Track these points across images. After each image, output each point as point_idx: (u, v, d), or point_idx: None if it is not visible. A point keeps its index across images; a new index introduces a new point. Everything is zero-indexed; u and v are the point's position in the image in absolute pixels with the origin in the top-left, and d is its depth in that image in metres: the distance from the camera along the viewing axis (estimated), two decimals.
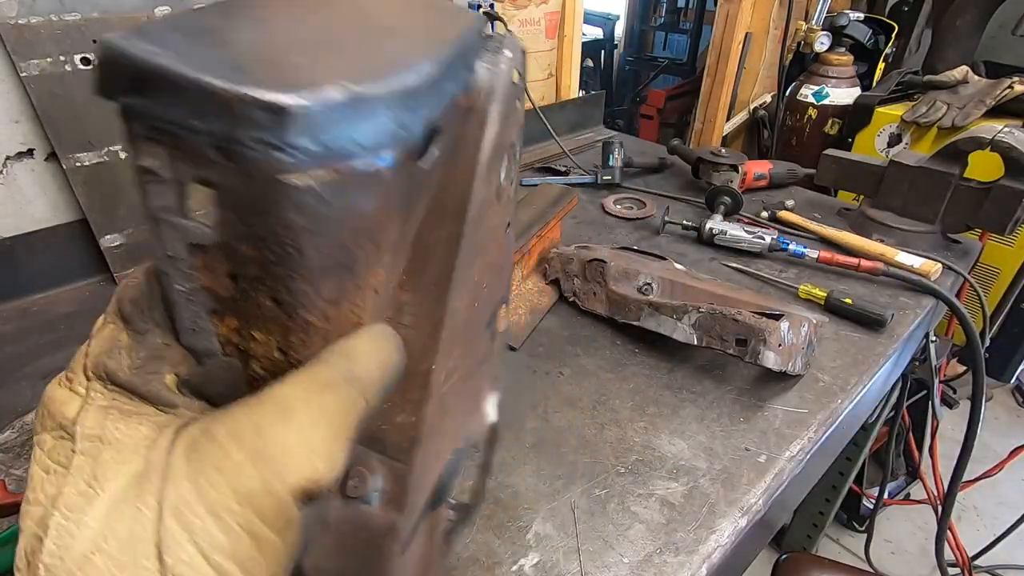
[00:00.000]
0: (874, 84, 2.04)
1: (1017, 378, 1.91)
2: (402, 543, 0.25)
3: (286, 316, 0.20)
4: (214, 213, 0.18)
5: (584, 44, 1.73)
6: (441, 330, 0.25)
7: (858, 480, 1.51)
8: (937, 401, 1.11)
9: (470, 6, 1.19)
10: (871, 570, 1.43)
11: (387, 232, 0.22)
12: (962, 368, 1.80)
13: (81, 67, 0.79)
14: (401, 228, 0.23)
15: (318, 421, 0.19)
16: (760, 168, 1.22)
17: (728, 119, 2.34)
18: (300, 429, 0.18)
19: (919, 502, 1.63)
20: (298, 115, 0.16)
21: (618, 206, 1.16)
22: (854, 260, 0.92)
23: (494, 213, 0.27)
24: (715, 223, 1.00)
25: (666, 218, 1.05)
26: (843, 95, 1.94)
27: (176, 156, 0.17)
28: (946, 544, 1.24)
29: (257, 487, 0.17)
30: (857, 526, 1.64)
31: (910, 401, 1.17)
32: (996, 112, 1.62)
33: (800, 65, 2.13)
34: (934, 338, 0.92)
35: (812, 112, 2.01)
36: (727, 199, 1.06)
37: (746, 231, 0.98)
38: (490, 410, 0.33)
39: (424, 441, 0.25)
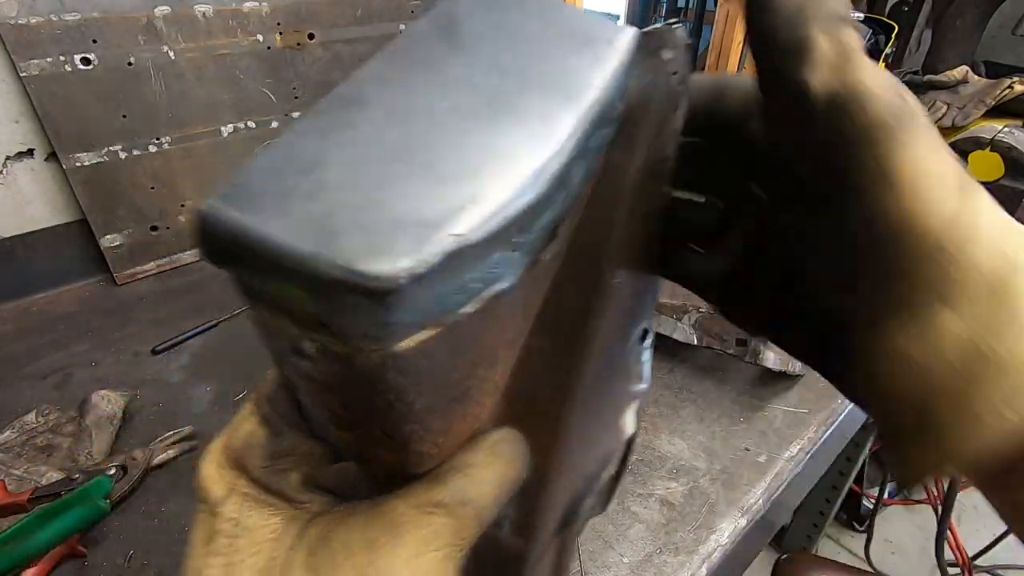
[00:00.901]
0: None
1: None
2: (531, 566, 0.25)
3: (398, 446, 0.19)
4: (320, 363, 0.16)
5: None
6: (578, 377, 0.22)
7: (858, 480, 1.51)
8: None
9: None
10: (871, 570, 1.43)
11: (508, 345, 0.20)
12: None
13: (81, 67, 0.79)
14: (524, 323, 0.20)
15: (428, 543, 0.19)
16: None
17: None
18: (408, 553, 0.18)
19: (919, 502, 1.63)
20: (394, 295, 0.13)
21: None
22: None
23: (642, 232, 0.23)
24: None
25: None
26: None
27: (277, 317, 0.16)
28: (946, 544, 1.24)
29: None
30: (857, 526, 1.64)
31: None
32: (996, 112, 1.62)
33: None
34: None
35: None
36: None
37: None
38: (628, 423, 0.29)
39: (551, 484, 0.23)
